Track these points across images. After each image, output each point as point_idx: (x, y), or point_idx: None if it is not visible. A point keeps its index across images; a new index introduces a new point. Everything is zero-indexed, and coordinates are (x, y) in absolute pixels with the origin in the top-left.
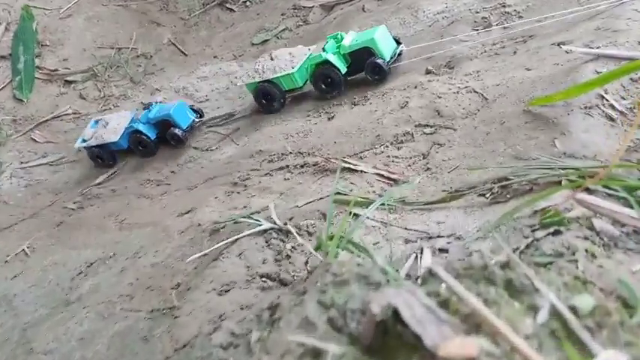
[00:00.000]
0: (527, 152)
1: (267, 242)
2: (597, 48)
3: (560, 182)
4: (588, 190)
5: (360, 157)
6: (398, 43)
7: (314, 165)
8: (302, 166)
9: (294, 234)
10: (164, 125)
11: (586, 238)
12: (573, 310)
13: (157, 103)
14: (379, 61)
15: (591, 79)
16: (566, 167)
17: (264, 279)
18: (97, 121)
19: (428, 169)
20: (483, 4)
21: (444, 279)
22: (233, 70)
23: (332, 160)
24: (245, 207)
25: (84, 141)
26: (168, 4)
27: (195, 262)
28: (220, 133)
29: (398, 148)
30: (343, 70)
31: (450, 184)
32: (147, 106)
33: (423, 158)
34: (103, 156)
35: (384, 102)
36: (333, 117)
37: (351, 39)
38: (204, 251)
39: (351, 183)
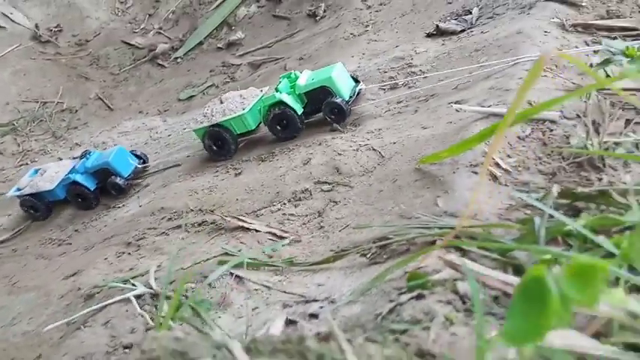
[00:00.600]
0: (412, 211)
1: (141, 308)
2: (488, 107)
3: (434, 242)
4: (462, 251)
5: (257, 215)
6: (356, 81)
7: (212, 223)
8: (200, 224)
9: (163, 300)
10: (104, 174)
11: (448, 303)
12: None
13: (92, 151)
14: (338, 100)
15: (471, 136)
16: (443, 226)
17: (126, 350)
18: (36, 170)
19: (321, 227)
20: (392, 64)
21: (237, 356)
22: (156, 125)
23: (228, 218)
24: (131, 269)
25: (18, 189)
26: (99, 59)
27: (62, 331)
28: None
29: (295, 206)
30: (299, 110)
31: (339, 243)
32: (84, 155)
33: (318, 216)
34: (37, 207)
35: (290, 159)
36: (240, 173)
37: (306, 77)
38: (67, 319)
39: (241, 242)
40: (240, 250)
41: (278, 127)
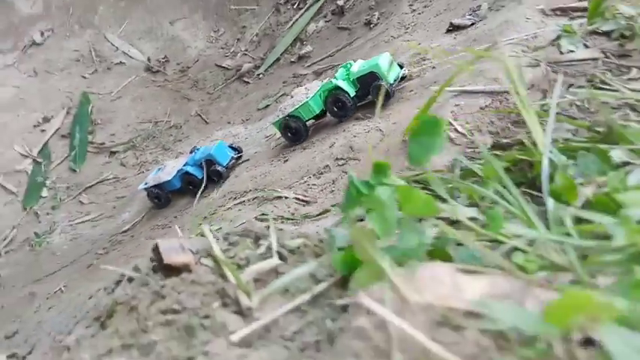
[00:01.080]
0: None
1: None
2: (461, 86)
3: None
4: None
5: (290, 187)
6: (401, 67)
7: (262, 197)
8: (254, 199)
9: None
10: (209, 164)
11: None
12: None
13: (199, 146)
14: (382, 82)
15: (421, 109)
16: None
17: None
18: (159, 169)
19: (332, 191)
20: (410, 58)
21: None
22: (238, 132)
23: (270, 191)
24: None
25: (146, 184)
26: (198, 82)
27: None
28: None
29: (318, 178)
30: (352, 93)
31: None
32: (192, 150)
33: (332, 184)
34: (160, 196)
35: (322, 144)
36: (287, 160)
37: (358, 65)
38: None
39: (275, 206)
40: (272, 212)
41: (335, 109)
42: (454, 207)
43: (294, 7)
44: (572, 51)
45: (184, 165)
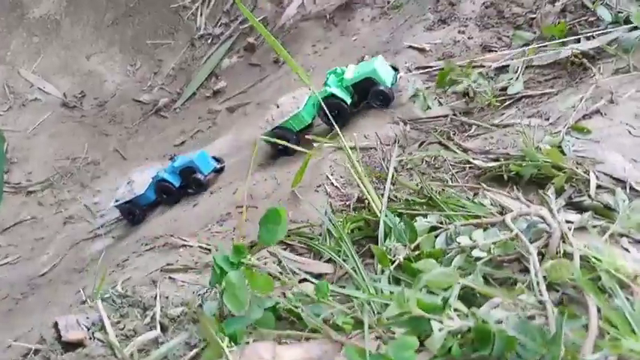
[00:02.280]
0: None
1: None
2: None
3: None
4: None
5: (195, 235)
6: (395, 70)
7: (170, 244)
8: (164, 245)
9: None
10: (188, 173)
11: None
12: None
13: (178, 155)
14: (383, 88)
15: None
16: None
17: None
18: (128, 182)
19: (232, 239)
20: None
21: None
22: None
23: (176, 240)
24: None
25: (117, 200)
26: (115, 117)
27: None
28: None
29: (220, 225)
30: (348, 100)
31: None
32: (171, 158)
33: (233, 231)
34: (134, 211)
35: (227, 190)
36: (196, 204)
37: (352, 71)
38: None
39: (180, 255)
40: (177, 261)
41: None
42: (291, 280)
43: (209, 42)
44: (428, 108)
45: (159, 172)
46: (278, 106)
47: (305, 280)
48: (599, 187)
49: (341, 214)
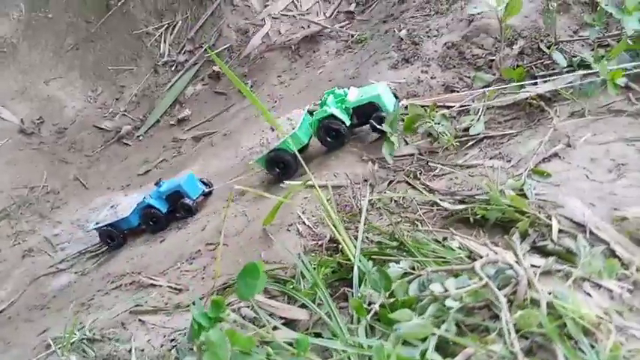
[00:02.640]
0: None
1: None
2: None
3: None
4: None
5: (164, 274)
6: (396, 97)
7: (137, 282)
8: (131, 284)
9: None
10: (175, 198)
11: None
12: None
13: (163, 180)
14: (385, 114)
15: (270, 211)
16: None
17: None
18: (112, 206)
19: (203, 278)
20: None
21: None
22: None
23: (145, 278)
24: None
25: (97, 223)
26: (75, 144)
27: None
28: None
29: (190, 264)
30: (347, 122)
31: (211, 289)
32: (157, 183)
33: (203, 270)
34: (114, 236)
35: (195, 225)
36: (163, 240)
37: (355, 94)
38: None
39: (149, 295)
40: (146, 302)
41: (328, 139)
42: (269, 333)
43: (173, 69)
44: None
45: (145, 199)
46: (273, 130)
47: (277, 327)
48: (560, 231)
49: (314, 254)
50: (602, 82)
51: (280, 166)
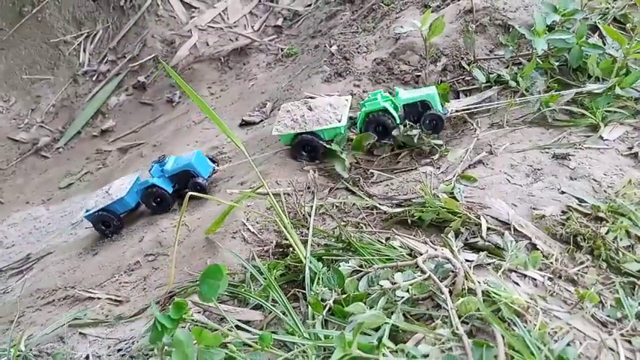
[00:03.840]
0: (196, 270)
1: None
2: (251, 188)
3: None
4: None
5: (102, 286)
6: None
7: (72, 297)
8: (65, 298)
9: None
10: (183, 177)
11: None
12: None
13: (168, 156)
14: (439, 113)
15: (218, 217)
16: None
17: None
18: (106, 191)
19: (144, 289)
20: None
21: None
22: (40, 215)
23: (81, 292)
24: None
25: (87, 210)
26: None
27: None
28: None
29: (129, 275)
30: (397, 119)
31: (152, 299)
32: (160, 160)
33: (144, 281)
34: (110, 221)
35: (131, 238)
36: (96, 253)
37: (408, 93)
38: None
39: (88, 309)
40: (85, 315)
41: (374, 134)
42: (231, 330)
43: (94, 79)
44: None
45: (143, 180)
46: (310, 108)
47: (237, 327)
48: (489, 229)
49: (262, 259)
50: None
51: (307, 148)
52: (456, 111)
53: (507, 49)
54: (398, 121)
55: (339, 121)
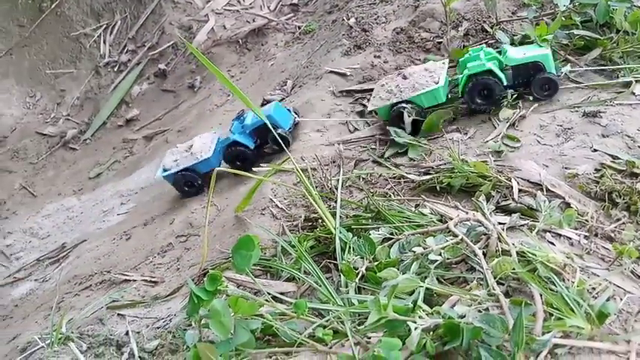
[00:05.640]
0: (227, 247)
1: None
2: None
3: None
4: None
5: (137, 269)
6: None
7: (108, 280)
8: (101, 283)
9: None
10: (263, 131)
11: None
12: None
13: (246, 112)
14: (552, 76)
15: (247, 193)
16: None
17: None
18: (187, 150)
19: (178, 269)
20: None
21: None
22: (72, 205)
23: (117, 275)
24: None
25: (165, 170)
26: (18, 152)
27: None
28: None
29: (162, 257)
30: (504, 81)
31: (186, 279)
32: (239, 116)
33: (177, 261)
34: (193, 181)
35: (162, 221)
36: (129, 237)
37: (518, 52)
38: None
39: (124, 291)
40: (122, 296)
41: (478, 99)
42: (268, 301)
43: (115, 69)
44: (357, 130)
45: (224, 138)
46: (405, 77)
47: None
48: (520, 191)
49: (292, 234)
50: None
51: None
52: None
53: (531, 9)
54: (505, 83)
55: (437, 83)
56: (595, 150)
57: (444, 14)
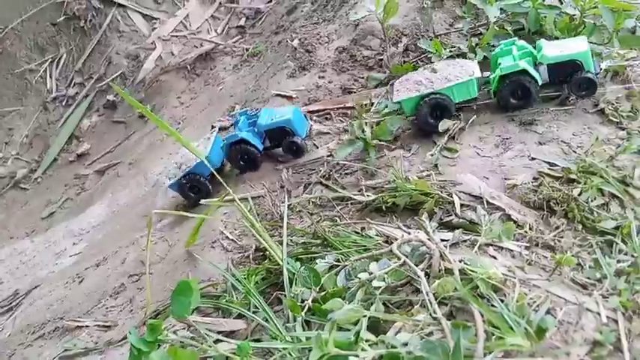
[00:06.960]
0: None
1: None
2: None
3: None
4: None
5: (89, 313)
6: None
7: (62, 327)
8: (54, 330)
9: None
10: (278, 134)
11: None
12: None
13: (250, 110)
14: (590, 75)
15: (194, 228)
16: None
17: None
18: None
19: (131, 310)
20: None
21: None
22: (25, 248)
23: (69, 322)
24: None
25: (169, 179)
26: None
27: None
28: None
29: (115, 299)
30: (540, 80)
31: (140, 321)
32: (245, 111)
33: (130, 303)
34: (197, 185)
35: (114, 259)
36: (82, 280)
37: (554, 49)
38: None
39: (77, 338)
40: (75, 345)
41: (512, 99)
42: (211, 347)
43: (63, 104)
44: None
45: (230, 135)
46: (435, 71)
47: (219, 340)
48: (462, 205)
49: (242, 266)
50: None
51: (436, 113)
52: None
53: (465, 21)
54: (540, 83)
55: (471, 75)
56: (533, 158)
57: (382, 31)
